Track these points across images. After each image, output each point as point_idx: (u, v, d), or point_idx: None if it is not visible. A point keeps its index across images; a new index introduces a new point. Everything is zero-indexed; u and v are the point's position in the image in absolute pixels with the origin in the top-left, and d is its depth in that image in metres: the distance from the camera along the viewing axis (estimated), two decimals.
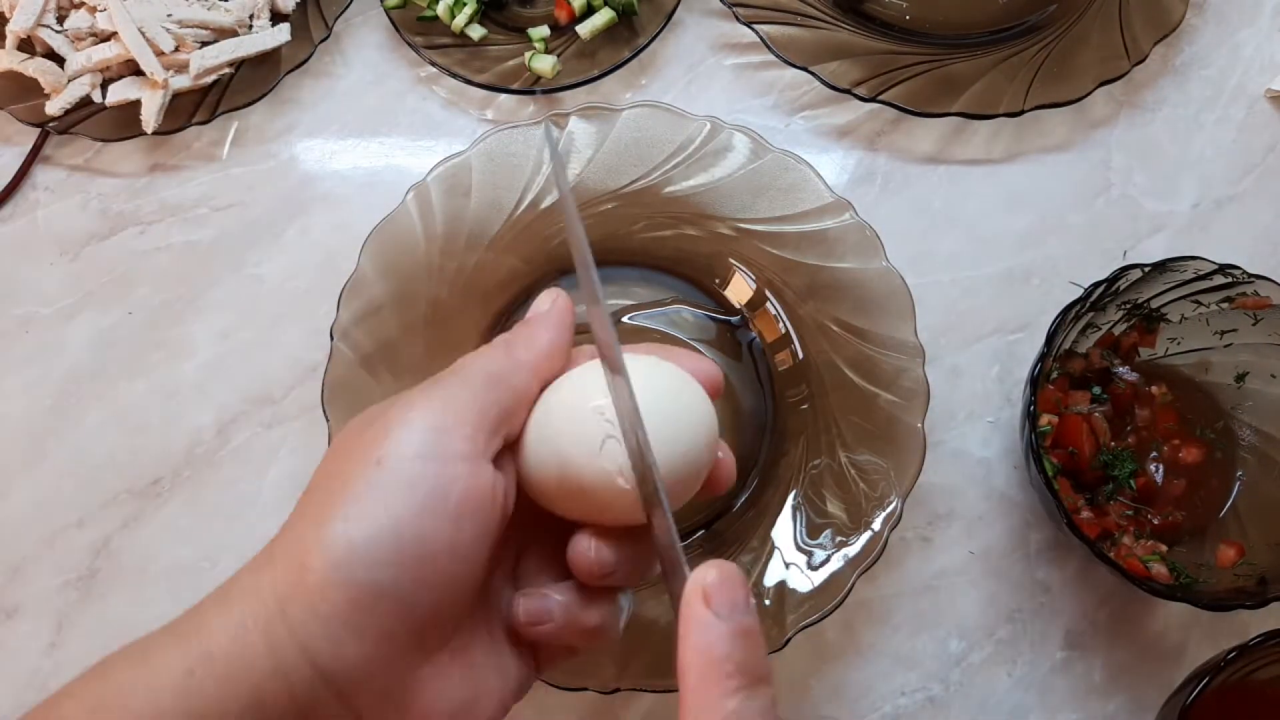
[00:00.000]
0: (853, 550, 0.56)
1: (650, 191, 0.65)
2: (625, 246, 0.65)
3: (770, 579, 0.56)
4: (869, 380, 0.60)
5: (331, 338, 0.60)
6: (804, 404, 0.61)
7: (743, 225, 0.64)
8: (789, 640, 0.54)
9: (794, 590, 0.56)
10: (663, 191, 0.65)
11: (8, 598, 0.63)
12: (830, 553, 0.56)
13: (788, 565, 0.57)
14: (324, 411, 0.59)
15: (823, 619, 0.55)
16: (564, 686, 0.53)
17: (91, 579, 0.63)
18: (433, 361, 0.62)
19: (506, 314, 0.65)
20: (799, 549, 0.57)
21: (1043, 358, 0.57)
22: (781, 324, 0.63)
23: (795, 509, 0.59)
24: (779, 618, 0.55)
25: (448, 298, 0.63)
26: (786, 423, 0.62)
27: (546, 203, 0.65)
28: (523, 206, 0.65)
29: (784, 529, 0.58)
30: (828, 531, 0.57)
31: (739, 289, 0.65)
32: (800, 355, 0.63)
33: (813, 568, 0.56)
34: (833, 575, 0.56)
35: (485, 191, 0.65)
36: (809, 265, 0.63)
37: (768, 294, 0.64)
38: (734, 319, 0.64)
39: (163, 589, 0.62)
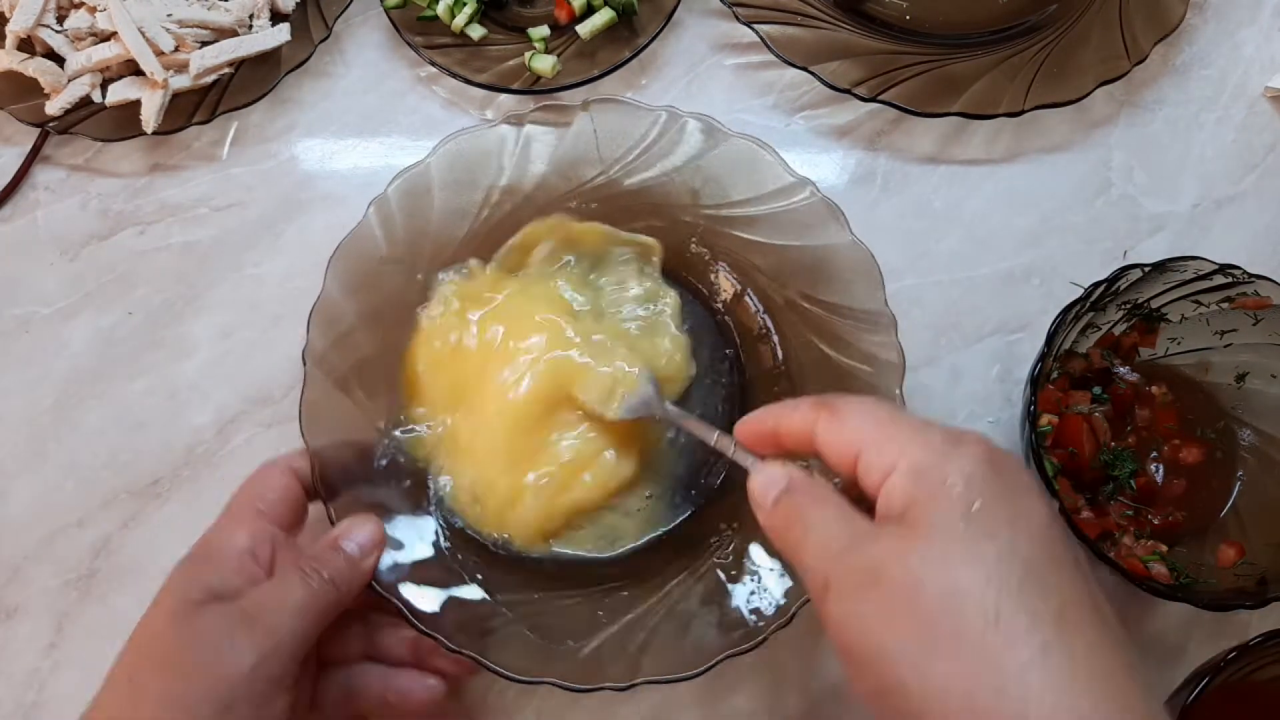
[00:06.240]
0: None
1: (612, 185, 0.64)
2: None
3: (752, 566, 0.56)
4: (845, 354, 0.59)
5: (304, 362, 0.59)
6: (777, 385, 0.61)
7: (707, 211, 0.64)
8: (764, 639, 0.53)
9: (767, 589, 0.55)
10: (624, 184, 0.64)
11: (8, 598, 0.63)
12: None
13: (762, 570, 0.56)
14: (302, 435, 0.57)
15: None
16: (578, 688, 0.52)
17: (91, 579, 0.63)
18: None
19: None
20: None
21: (1043, 358, 0.57)
22: (755, 308, 0.63)
23: None
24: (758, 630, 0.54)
25: (416, 303, 0.62)
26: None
27: (511, 204, 0.64)
28: (486, 210, 0.64)
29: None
30: None
31: (710, 276, 0.64)
32: (774, 336, 0.62)
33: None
34: None
35: (448, 198, 0.64)
36: (776, 246, 0.62)
37: (736, 279, 0.63)
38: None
39: None
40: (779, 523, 0.41)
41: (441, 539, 0.57)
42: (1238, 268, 0.56)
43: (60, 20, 0.72)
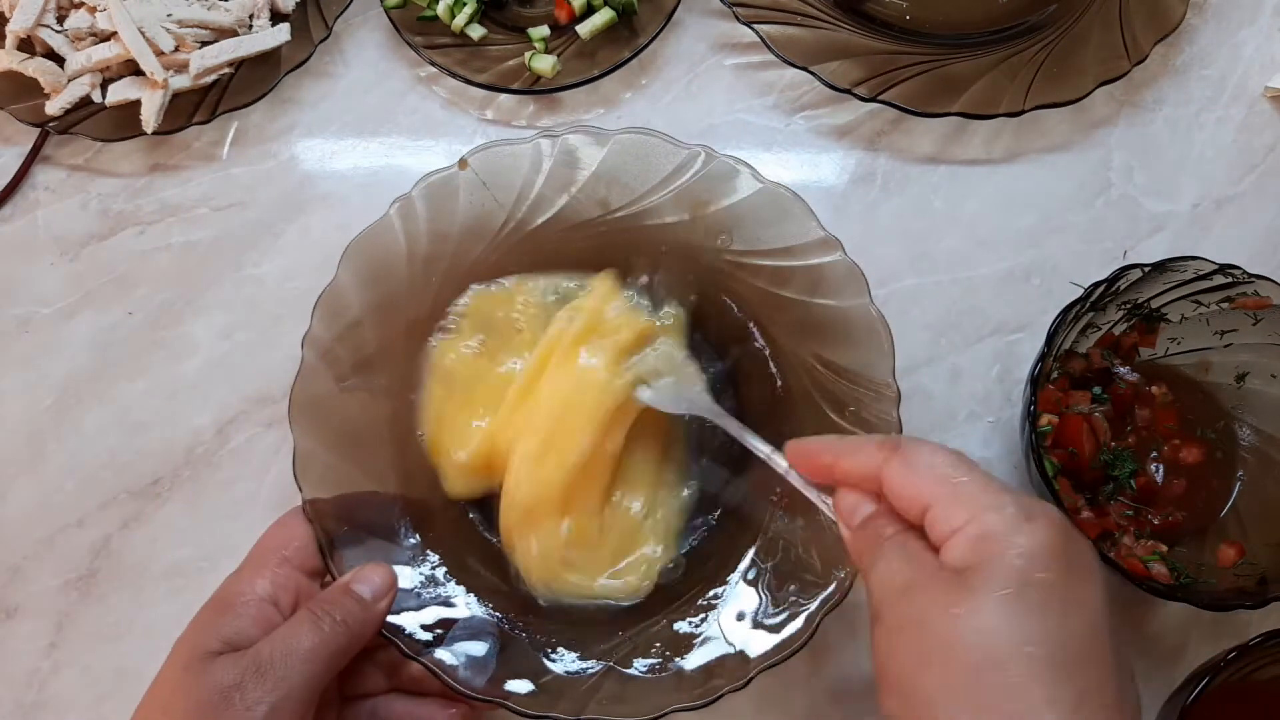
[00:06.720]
0: (814, 604, 0.55)
1: (639, 217, 0.63)
2: (612, 263, 0.63)
3: (729, 618, 0.56)
4: (843, 417, 0.58)
5: (302, 347, 0.59)
6: (781, 437, 0.60)
7: (729, 258, 0.62)
8: (750, 680, 0.53)
9: (755, 639, 0.55)
10: (651, 220, 0.63)
11: (8, 598, 0.63)
12: (795, 604, 0.55)
13: (746, 616, 0.56)
14: (290, 426, 0.57)
15: (789, 657, 0.54)
16: (528, 713, 0.52)
17: (91, 579, 0.63)
18: (411, 365, 0.61)
19: None
20: (761, 594, 0.57)
21: (1043, 358, 0.57)
22: (765, 358, 0.62)
23: (760, 554, 0.58)
24: (740, 658, 0.54)
25: (427, 316, 0.62)
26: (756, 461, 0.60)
27: (537, 222, 0.63)
28: (511, 225, 0.63)
29: (747, 589, 0.57)
30: (794, 585, 0.56)
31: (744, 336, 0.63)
32: (779, 390, 0.61)
33: (776, 612, 0.55)
34: (805, 620, 0.54)
35: (473, 209, 0.63)
36: (794, 301, 0.61)
37: (753, 328, 0.62)
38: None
39: (163, 589, 0.63)
40: (858, 545, 0.44)
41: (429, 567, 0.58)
42: (1238, 268, 0.56)
43: (60, 20, 0.72)
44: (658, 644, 0.55)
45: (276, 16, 0.74)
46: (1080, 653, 0.37)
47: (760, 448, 0.51)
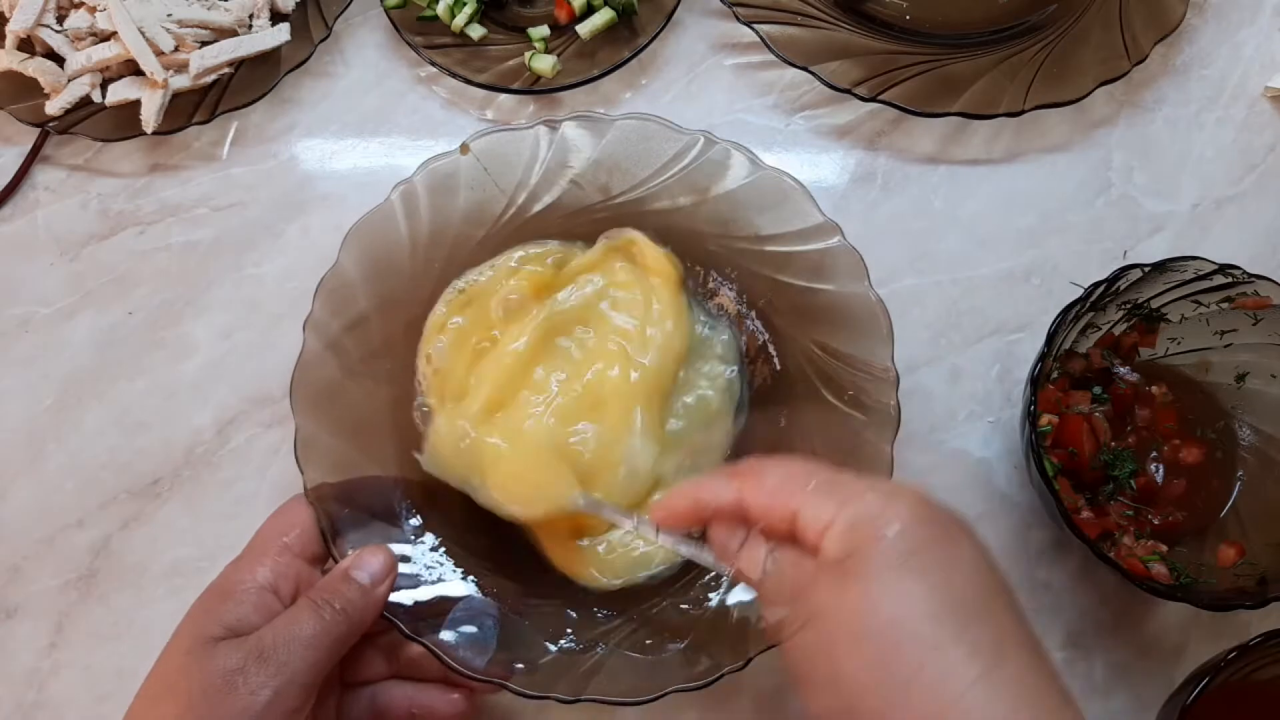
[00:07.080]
0: None
1: (639, 204, 0.63)
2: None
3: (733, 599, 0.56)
4: (843, 401, 0.59)
5: (303, 331, 0.59)
6: (780, 422, 0.60)
7: (728, 242, 0.63)
8: (750, 660, 0.53)
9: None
10: (651, 205, 0.63)
11: (8, 598, 0.63)
12: None
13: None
14: (292, 409, 0.57)
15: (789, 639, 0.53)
16: (527, 694, 0.52)
17: (91, 579, 0.63)
18: (412, 350, 0.61)
19: None
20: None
21: (1043, 358, 0.57)
22: (764, 343, 0.62)
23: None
24: (739, 637, 0.54)
25: (429, 297, 0.62)
26: (756, 444, 0.60)
27: (538, 208, 0.64)
28: (512, 209, 0.63)
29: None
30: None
31: (723, 305, 0.63)
32: (779, 374, 0.61)
33: None
34: None
35: (474, 194, 0.63)
36: (794, 286, 0.61)
37: (750, 313, 0.62)
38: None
39: (162, 589, 0.63)
40: (743, 576, 0.45)
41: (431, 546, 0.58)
42: (1238, 268, 0.56)
43: (60, 20, 0.72)
44: (658, 625, 0.55)
45: (276, 16, 0.74)
46: (980, 603, 0.38)
47: (626, 522, 0.52)
